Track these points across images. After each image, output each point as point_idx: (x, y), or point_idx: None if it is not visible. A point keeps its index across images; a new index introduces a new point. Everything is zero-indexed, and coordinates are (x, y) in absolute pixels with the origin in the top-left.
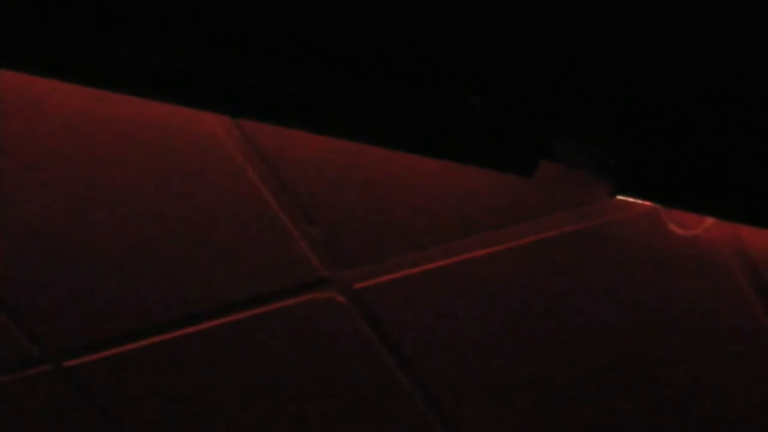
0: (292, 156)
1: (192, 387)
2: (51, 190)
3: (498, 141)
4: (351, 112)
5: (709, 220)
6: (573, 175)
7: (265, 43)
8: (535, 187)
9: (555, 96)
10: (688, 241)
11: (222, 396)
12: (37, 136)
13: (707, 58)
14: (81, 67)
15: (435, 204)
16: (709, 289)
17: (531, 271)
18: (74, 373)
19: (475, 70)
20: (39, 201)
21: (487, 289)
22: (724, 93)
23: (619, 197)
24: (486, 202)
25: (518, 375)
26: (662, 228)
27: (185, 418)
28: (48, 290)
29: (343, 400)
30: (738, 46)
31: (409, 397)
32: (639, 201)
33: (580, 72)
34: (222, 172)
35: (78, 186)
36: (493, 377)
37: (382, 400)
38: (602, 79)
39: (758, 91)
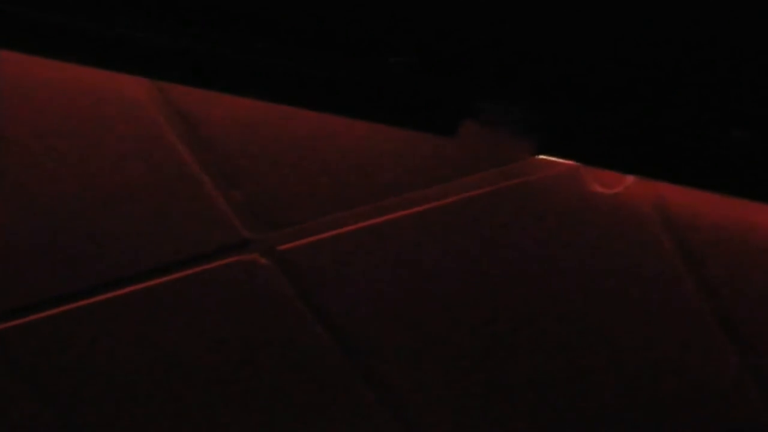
0: (213, 118)
1: (116, 352)
2: None
3: (420, 101)
4: (272, 73)
5: (630, 178)
6: (495, 134)
7: (185, 4)
8: (457, 147)
9: (476, 56)
10: (609, 199)
11: (146, 360)
12: None
13: (625, 18)
14: (2, 29)
15: (357, 165)
16: (631, 246)
17: (454, 230)
18: None
19: (396, 30)
20: None
21: (409, 249)
22: (643, 52)
23: (541, 156)
24: (409, 162)
25: (442, 334)
26: (584, 186)
27: (111, 385)
28: None
29: (267, 362)
30: (651, 6)
31: (333, 358)
32: (561, 160)
33: (501, 32)
34: (143, 135)
35: None
36: (417, 336)
37: (306, 361)
38: (523, 39)
39: (676, 49)
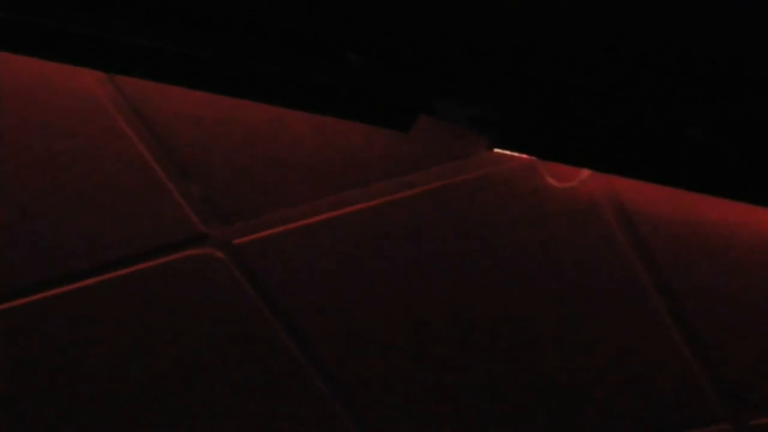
0: (168, 112)
1: (70, 346)
2: None
3: (375, 96)
4: (228, 67)
5: (585, 172)
6: (451, 128)
7: None
8: (413, 141)
9: (432, 52)
10: (564, 193)
11: (101, 355)
12: None
13: (579, 14)
14: None
15: (314, 159)
16: (585, 240)
17: (410, 224)
18: None
19: (354, 26)
20: None
21: (365, 243)
22: (599, 48)
23: (497, 150)
24: (365, 156)
25: (398, 327)
26: (539, 180)
27: (64, 380)
28: None
29: (222, 355)
30: (606, 3)
31: (289, 352)
32: (516, 154)
33: (457, 28)
34: (98, 129)
35: None
36: (373, 330)
37: (261, 355)
38: (479, 34)
39: (631, 45)
